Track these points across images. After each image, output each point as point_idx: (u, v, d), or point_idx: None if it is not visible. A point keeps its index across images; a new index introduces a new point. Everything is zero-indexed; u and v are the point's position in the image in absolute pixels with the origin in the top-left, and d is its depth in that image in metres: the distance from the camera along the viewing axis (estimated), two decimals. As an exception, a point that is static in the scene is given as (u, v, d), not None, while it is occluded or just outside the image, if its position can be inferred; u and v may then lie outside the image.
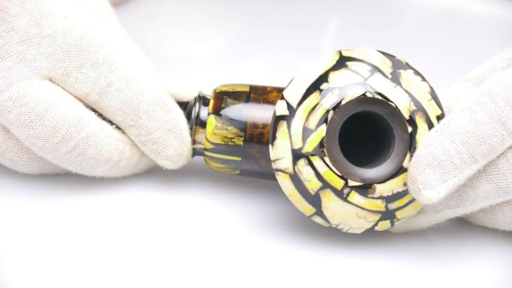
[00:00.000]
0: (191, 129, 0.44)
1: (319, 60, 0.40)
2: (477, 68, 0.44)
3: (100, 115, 0.44)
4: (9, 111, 0.42)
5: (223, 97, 0.43)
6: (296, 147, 0.40)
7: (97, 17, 0.45)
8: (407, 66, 0.41)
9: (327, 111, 0.39)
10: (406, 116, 0.40)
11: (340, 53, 0.40)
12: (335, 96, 0.40)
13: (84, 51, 0.42)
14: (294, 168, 0.40)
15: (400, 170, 0.40)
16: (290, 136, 0.40)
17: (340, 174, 0.40)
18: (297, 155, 0.40)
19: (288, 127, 0.40)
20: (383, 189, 0.40)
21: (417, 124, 0.40)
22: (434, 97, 0.40)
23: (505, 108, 0.39)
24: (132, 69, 0.43)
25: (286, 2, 0.67)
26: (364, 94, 0.39)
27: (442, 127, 0.39)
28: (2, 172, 0.46)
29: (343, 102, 0.39)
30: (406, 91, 0.40)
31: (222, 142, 0.43)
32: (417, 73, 0.41)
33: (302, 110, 0.40)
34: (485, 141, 0.39)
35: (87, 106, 0.43)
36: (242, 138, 0.43)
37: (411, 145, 0.40)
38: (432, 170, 0.38)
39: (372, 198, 0.40)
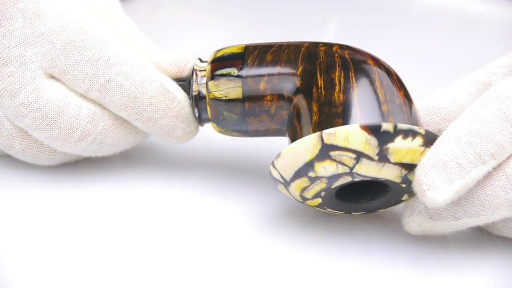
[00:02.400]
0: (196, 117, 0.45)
1: (301, 145, 0.39)
2: (477, 71, 0.44)
3: None
4: (23, 116, 0.42)
5: (218, 108, 0.43)
6: (298, 200, 0.41)
7: (92, 10, 0.44)
8: (395, 132, 0.38)
9: (319, 192, 0.40)
10: (399, 181, 0.40)
11: (322, 139, 0.38)
12: (323, 183, 0.40)
13: (79, 48, 0.42)
14: (302, 203, 0.42)
15: (401, 200, 0.41)
16: (290, 194, 0.41)
17: (343, 212, 0.42)
18: (301, 202, 0.41)
19: (286, 189, 0.41)
20: (386, 209, 0.42)
21: (411, 180, 0.40)
22: (428, 142, 0.39)
23: (511, 106, 0.39)
24: (131, 61, 0.43)
25: (286, 2, 0.67)
26: (352, 180, 0.39)
27: (448, 130, 0.39)
28: (2, 165, 0.46)
29: (332, 187, 0.40)
30: (396, 163, 0.39)
31: (231, 136, 0.44)
32: (406, 134, 0.38)
33: (295, 186, 0.40)
34: (491, 140, 0.38)
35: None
36: (248, 136, 0.44)
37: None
38: (437, 172, 0.38)
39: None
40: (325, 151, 0.38)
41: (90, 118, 0.43)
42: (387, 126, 0.38)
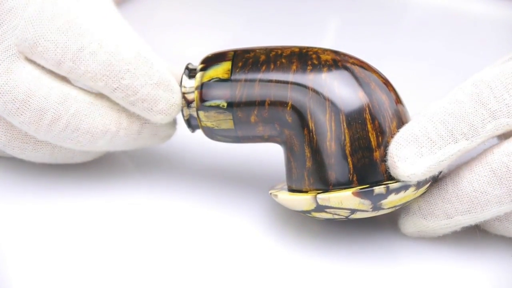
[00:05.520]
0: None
1: (296, 201, 0.40)
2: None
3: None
4: None
5: (212, 133, 0.43)
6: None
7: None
8: (387, 192, 0.39)
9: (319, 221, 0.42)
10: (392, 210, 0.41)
11: (316, 201, 0.40)
12: (321, 220, 0.42)
13: (47, 18, 0.42)
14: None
15: None
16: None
17: None
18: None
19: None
20: None
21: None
22: (420, 185, 0.40)
23: (485, 90, 0.40)
24: (103, 32, 0.42)
25: (286, 2, 0.67)
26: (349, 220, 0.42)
27: (424, 110, 0.40)
28: (4, 172, 0.46)
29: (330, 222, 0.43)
30: (390, 208, 0.40)
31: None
32: (399, 190, 0.39)
33: (296, 213, 0.42)
34: (464, 120, 0.39)
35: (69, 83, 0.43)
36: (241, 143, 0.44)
37: None
38: (408, 145, 0.39)
39: None
40: (321, 208, 0.40)
41: (61, 99, 0.42)
42: (379, 190, 0.39)
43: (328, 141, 0.40)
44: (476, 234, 0.42)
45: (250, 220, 0.44)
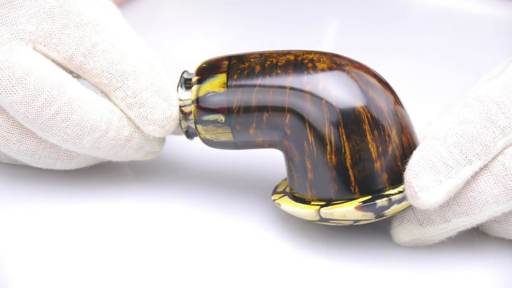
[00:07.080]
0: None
1: (300, 213, 0.40)
2: (468, 91, 0.44)
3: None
4: None
5: (212, 144, 0.43)
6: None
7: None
8: (390, 203, 0.39)
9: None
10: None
11: (320, 215, 0.40)
12: (326, 225, 0.42)
13: (68, 12, 0.42)
14: None
15: None
16: None
17: None
18: None
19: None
20: None
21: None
22: None
23: (492, 107, 0.40)
24: (118, 33, 0.43)
25: (287, 1, 0.67)
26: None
27: (434, 132, 0.39)
28: (4, 176, 0.46)
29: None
30: (392, 213, 0.40)
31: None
32: (400, 201, 0.39)
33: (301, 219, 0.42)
34: (476, 140, 0.39)
35: (71, 73, 0.43)
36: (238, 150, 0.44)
37: None
38: (426, 173, 0.38)
39: None
40: (325, 220, 0.40)
41: (58, 84, 0.41)
42: (381, 203, 0.39)
43: (328, 155, 0.40)
44: (474, 236, 0.42)
45: (252, 223, 0.44)
